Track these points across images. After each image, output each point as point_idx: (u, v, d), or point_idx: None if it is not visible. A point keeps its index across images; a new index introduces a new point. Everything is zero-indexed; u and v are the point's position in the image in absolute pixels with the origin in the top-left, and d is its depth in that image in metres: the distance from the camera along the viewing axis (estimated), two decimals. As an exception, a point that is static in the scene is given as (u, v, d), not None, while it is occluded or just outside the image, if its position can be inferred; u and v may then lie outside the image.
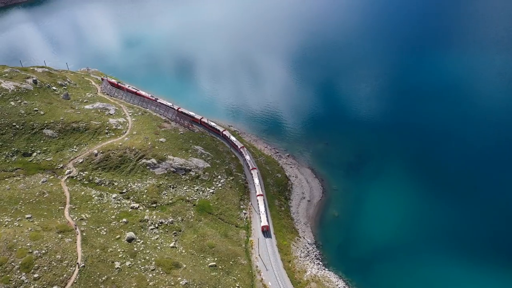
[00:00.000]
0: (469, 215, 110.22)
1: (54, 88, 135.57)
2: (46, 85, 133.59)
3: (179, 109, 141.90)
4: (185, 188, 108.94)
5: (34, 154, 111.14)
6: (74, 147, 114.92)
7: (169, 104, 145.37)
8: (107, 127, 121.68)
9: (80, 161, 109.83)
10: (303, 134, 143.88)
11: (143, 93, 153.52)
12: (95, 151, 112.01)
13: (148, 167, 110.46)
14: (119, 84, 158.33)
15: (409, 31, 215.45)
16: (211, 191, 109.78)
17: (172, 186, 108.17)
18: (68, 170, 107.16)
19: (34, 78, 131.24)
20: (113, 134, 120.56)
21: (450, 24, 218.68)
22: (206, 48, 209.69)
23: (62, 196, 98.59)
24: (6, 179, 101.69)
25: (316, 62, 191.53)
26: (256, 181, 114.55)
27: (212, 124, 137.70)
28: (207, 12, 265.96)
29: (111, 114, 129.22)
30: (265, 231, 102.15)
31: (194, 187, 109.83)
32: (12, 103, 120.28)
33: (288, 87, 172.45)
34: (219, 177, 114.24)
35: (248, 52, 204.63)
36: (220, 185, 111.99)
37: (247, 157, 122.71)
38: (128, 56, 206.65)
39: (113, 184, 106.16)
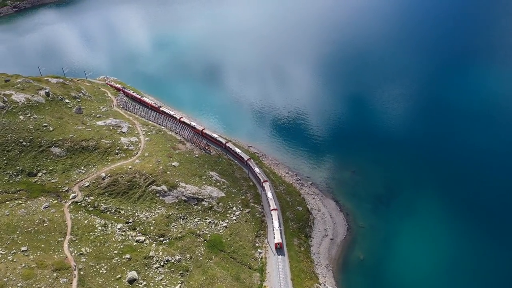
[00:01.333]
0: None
1: (67, 100, 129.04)
2: (58, 97, 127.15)
3: (181, 119, 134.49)
4: (196, 220, 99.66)
5: (40, 174, 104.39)
6: (82, 168, 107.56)
7: (172, 112, 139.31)
8: (117, 147, 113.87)
9: (86, 185, 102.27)
10: (328, 159, 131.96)
11: (146, 100, 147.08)
12: (103, 174, 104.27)
13: (158, 195, 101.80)
14: (123, 89, 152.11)
15: (450, 44, 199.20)
16: (225, 224, 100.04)
17: (182, 217, 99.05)
18: (73, 194, 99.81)
19: (46, 90, 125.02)
20: (123, 155, 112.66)
21: (495, 39, 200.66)
22: (231, 57, 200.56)
23: (63, 225, 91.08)
24: (7, 202, 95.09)
25: (344, 76, 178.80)
26: (269, 194, 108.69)
27: (215, 136, 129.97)
28: (234, 15, 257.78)
29: (123, 132, 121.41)
30: (279, 249, 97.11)
31: (206, 219, 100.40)
32: (21, 117, 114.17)
33: (313, 105, 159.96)
34: (234, 208, 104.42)
35: (274, 63, 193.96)
36: (234, 218, 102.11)
37: (257, 169, 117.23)
38: (149, 63, 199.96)
39: (120, 212, 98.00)
